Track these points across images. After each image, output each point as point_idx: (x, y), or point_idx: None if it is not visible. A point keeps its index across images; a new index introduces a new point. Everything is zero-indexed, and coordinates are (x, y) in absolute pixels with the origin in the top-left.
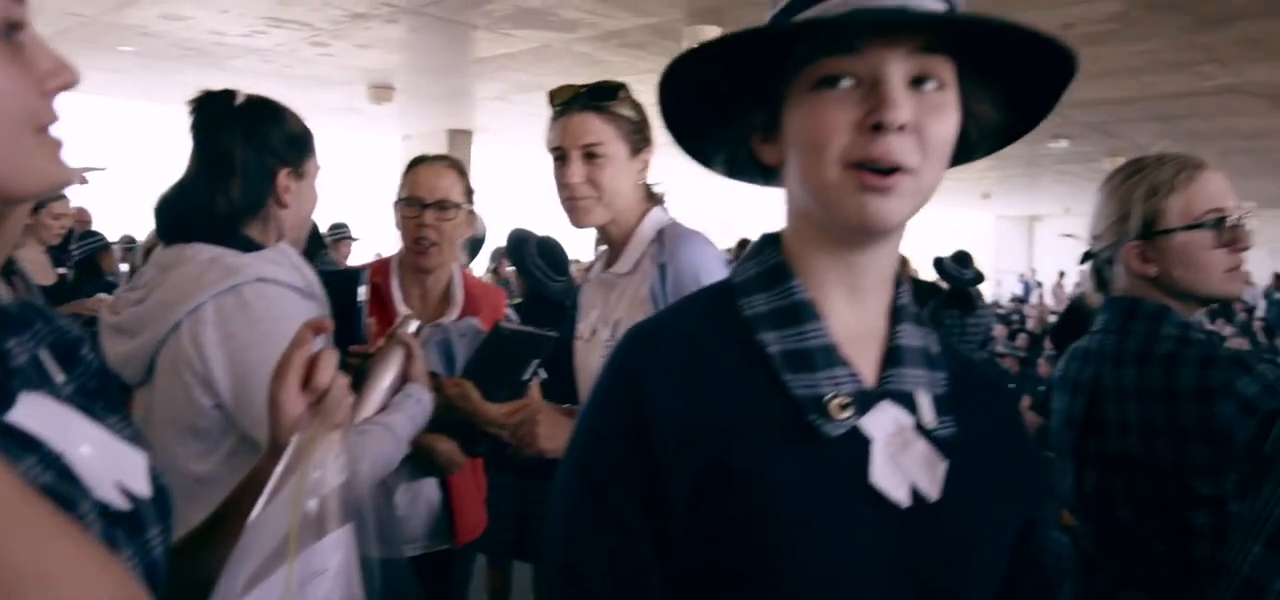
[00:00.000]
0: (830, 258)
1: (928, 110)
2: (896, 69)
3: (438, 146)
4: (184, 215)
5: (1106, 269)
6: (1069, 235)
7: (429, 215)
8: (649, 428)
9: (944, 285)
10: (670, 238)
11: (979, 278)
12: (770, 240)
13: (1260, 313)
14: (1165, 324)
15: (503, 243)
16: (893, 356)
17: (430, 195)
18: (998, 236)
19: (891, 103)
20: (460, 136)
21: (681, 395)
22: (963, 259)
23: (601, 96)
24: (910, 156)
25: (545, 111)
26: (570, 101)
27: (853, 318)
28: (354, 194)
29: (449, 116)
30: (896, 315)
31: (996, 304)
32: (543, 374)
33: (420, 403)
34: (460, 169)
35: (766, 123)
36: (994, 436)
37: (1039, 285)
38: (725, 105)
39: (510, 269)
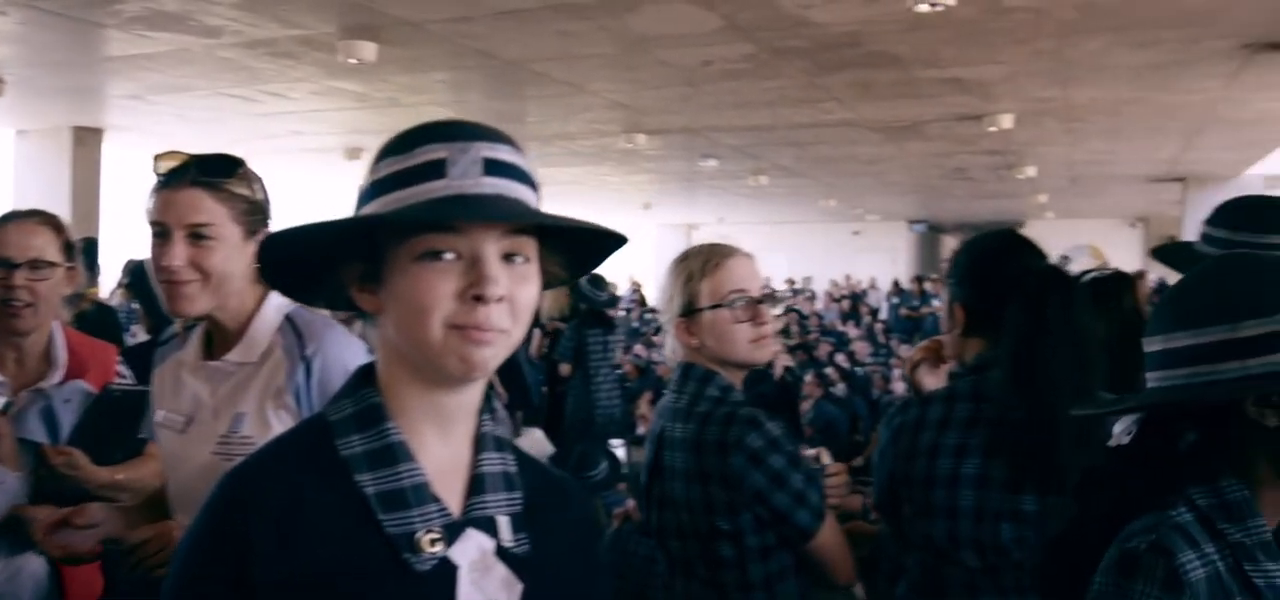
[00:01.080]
0: (424, 398)
1: (517, 281)
2: (492, 249)
3: (61, 143)
4: None
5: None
6: None
7: (20, 276)
8: (248, 578)
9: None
10: (308, 329)
11: (614, 300)
12: (364, 377)
13: (883, 316)
14: (710, 386)
15: (134, 255)
16: (476, 484)
17: (21, 254)
18: (659, 243)
19: (490, 279)
20: (88, 134)
21: (281, 544)
22: (598, 282)
23: (214, 172)
24: (504, 321)
25: (189, 111)
26: (176, 173)
27: (443, 452)
28: None
29: (74, 113)
30: (480, 443)
31: (658, 309)
32: None
33: (1, 484)
34: (57, 225)
35: (365, 275)
36: (564, 543)
37: None
38: (325, 257)
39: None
